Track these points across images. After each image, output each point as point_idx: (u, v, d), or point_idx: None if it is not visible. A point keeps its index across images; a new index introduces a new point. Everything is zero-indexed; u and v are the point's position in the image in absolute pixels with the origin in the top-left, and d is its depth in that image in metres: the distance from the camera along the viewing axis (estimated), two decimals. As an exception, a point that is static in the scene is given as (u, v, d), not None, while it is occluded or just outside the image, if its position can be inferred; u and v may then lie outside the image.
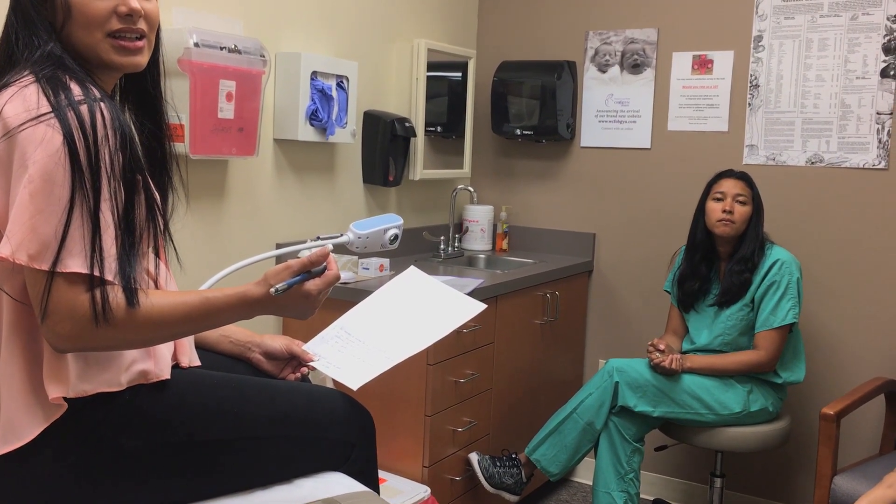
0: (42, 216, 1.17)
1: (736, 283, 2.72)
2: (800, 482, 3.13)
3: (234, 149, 2.40)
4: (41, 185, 1.16)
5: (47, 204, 1.17)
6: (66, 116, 1.18)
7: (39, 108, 1.19)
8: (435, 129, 3.39)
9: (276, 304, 1.35)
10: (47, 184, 1.17)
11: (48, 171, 1.17)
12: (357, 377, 1.56)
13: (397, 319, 1.73)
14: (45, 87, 1.21)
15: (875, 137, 2.94)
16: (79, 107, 1.20)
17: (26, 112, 1.18)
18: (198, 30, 2.24)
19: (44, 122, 1.18)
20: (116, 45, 1.30)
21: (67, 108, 1.19)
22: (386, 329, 1.70)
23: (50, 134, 1.17)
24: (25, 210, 1.16)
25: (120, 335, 1.23)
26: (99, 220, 1.20)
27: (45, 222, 1.17)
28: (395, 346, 1.63)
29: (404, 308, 1.77)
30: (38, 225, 1.16)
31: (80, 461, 1.28)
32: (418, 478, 2.55)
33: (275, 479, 1.47)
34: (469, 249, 3.55)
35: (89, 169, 1.19)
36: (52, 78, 1.22)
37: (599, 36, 3.42)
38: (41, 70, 1.23)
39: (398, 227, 2.05)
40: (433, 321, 1.70)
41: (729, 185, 2.76)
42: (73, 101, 1.20)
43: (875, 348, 2.98)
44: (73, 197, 1.18)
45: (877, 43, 2.92)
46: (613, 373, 2.69)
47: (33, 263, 1.17)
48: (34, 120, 1.18)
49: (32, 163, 1.17)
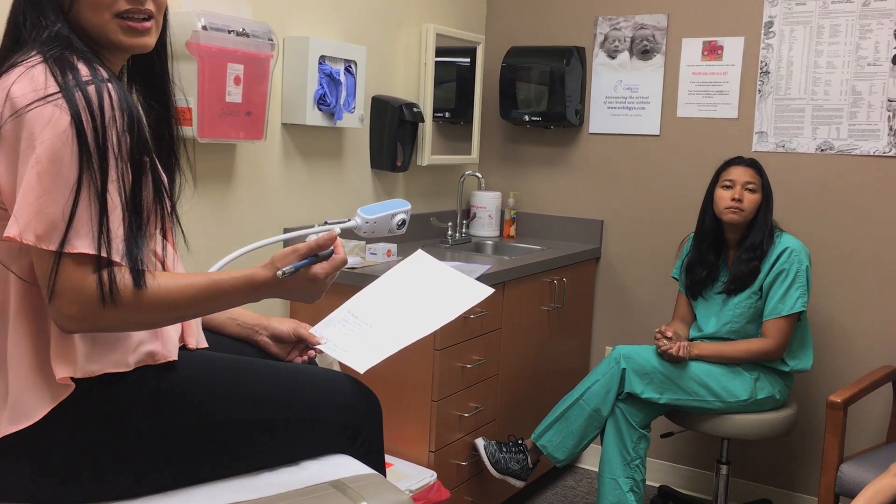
0: (49, 196, 1.17)
1: (744, 271, 2.71)
2: (806, 470, 3.12)
3: (242, 133, 2.40)
4: (48, 165, 1.16)
5: (55, 184, 1.17)
6: (73, 97, 1.18)
7: (47, 88, 1.18)
8: (443, 114, 3.38)
9: (283, 287, 1.35)
10: (55, 164, 1.17)
11: (56, 151, 1.17)
12: (364, 360, 1.56)
13: (404, 303, 1.73)
14: (52, 68, 1.21)
15: (886, 125, 2.91)
16: (86, 87, 1.20)
17: (34, 92, 1.18)
18: (206, 13, 2.24)
19: (51, 103, 1.17)
20: (124, 25, 1.30)
21: (75, 88, 1.19)
22: (393, 313, 1.70)
23: (58, 114, 1.17)
24: (33, 190, 1.16)
25: (127, 316, 1.23)
26: (106, 201, 1.20)
27: (53, 202, 1.17)
28: (402, 329, 1.63)
29: (411, 292, 1.77)
30: (46, 205, 1.17)
31: (87, 441, 1.29)
32: (424, 462, 2.56)
33: (281, 461, 1.48)
34: (476, 235, 3.55)
35: (97, 150, 1.19)
36: (59, 58, 1.22)
37: (609, 21, 3.40)
38: (49, 50, 1.23)
39: (406, 212, 2.05)
40: (440, 305, 1.69)
41: (738, 173, 2.74)
42: (81, 82, 1.20)
43: (883, 336, 2.97)
44: (81, 178, 1.18)
45: (889, 29, 2.89)
46: (620, 359, 2.69)
47: (41, 244, 1.17)
48: (42, 100, 1.17)
49: (40, 143, 1.17)
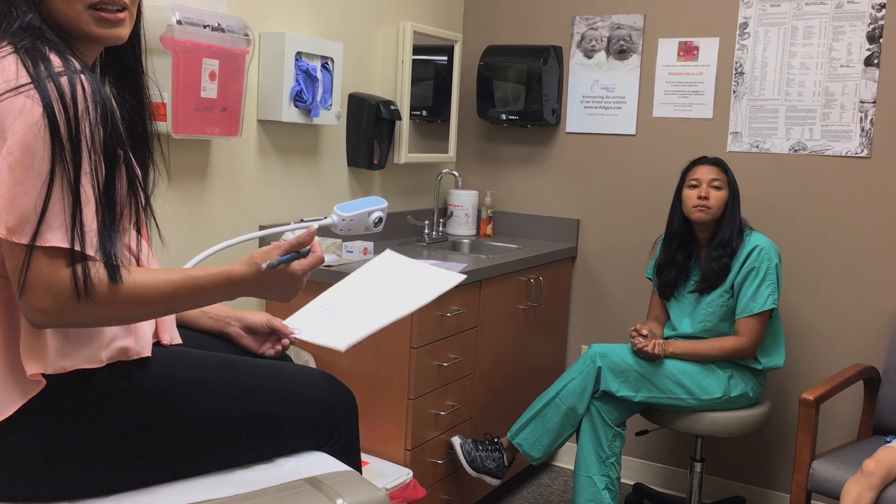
0: (21, 188, 1.15)
1: (715, 269, 2.74)
2: (779, 467, 3.16)
3: (217, 129, 2.38)
4: (20, 157, 1.15)
5: (27, 176, 1.15)
6: (45, 88, 1.16)
7: (18, 79, 1.16)
8: (420, 112, 3.38)
9: (261, 284, 1.35)
10: (26, 156, 1.15)
11: (27, 142, 1.15)
12: (344, 340, 1.55)
13: (378, 293, 1.73)
14: (23, 58, 1.19)
15: (858, 126, 2.95)
16: (59, 78, 1.18)
17: (5, 83, 1.16)
18: (181, 7, 2.22)
19: (23, 94, 1.16)
20: (97, 16, 1.28)
21: (47, 79, 1.17)
22: (367, 302, 1.70)
23: (29, 105, 1.15)
24: (4, 182, 1.14)
25: (101, 311, 1.22)
26: (79, 193, 1.18)
27: (24, 195, 1.15)
28: (378, 313, 1.64)
29: (384, 284, 1.77)
30: (17, 197, 1.15)
31: (58, 438, 1.27)
32: (400, 461, 2.55)
33: (256, 459, 1.46)
34: (453, 234, 3.55)
35: (69, 142, 1.17)
36: (31, 49, 1.20)
37: (586, 21, 3.42)
38: (20, 41, 1.21)
39: (382, 209, 2.04)
40: (414, 291, 1.70)
41: (703, 172, 2.77)
42: (53, 73, 1.18)
43: (854, 335, 3.00)
44: (53, 170, 1.16)
45: (861, 31, 2.93)
46: (596, 358, 2.70)
47: (12, 237, 1.15)
48: (13, 91, 1.15)
49: (11, 134, 1.15)
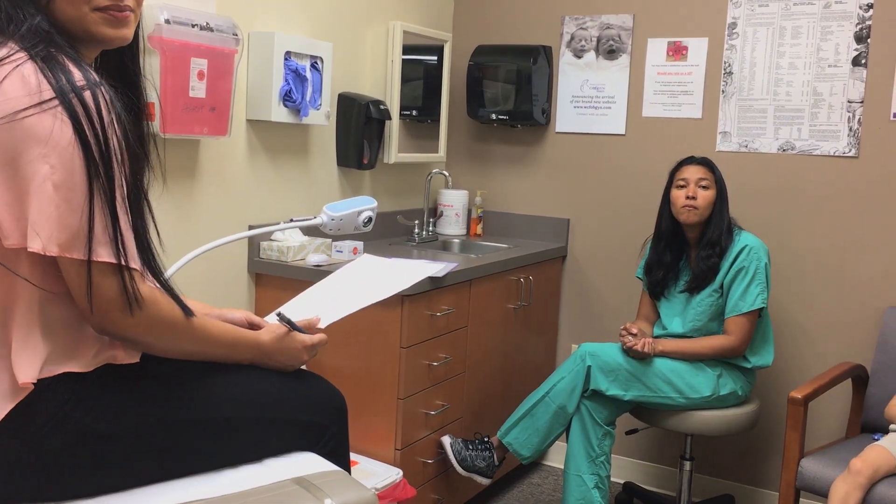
0: (67, 206, 1.17)
1: (704, 269, 2.75)
2: (768, 465, 3.17)
3: (206, 128, 2.37)
4: (63, 175, 1.16)
5: (72, 194, 1.17)
6: (71, 104, 1.17)
7: (42, 92, 1.17)
8: (410, 112, 3.38)
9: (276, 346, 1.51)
10: (68, 175, 1.17)
11: (65, 161, 1.17)
12: (326, 318, 1.62)
13: (358, 284, 1.75)
14: (42, 68, 1.18)
15: (846, 126, 2.97)
16: (82, 93, 1.19)
17: (28, 96, 1.16)
18: (169, 6, 2.21)
19: (49, 111, 1.16)
20: (105, 16, 1.28)
21: (71, 94, 1.18)
22: (346, 294, 1.72)
23: (59, 125, 1.16)
24: (51, 201, 1.16)
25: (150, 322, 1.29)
26: (116, 207, 1.21)
27: (72, 213, 1.18)
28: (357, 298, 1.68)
29: (364, 277, 1.79)
30: (65, 215, 1.17)
31: (46, 442, 1.26)
32: (390, 460, 2.55)
33: (245, 459, 1.46)
34: (443, 234, 3.55)
35: (101, 157, 1.19)
36: (47, 58, 1.20)
37: (575, 21, 3.42)
38: (33, 47, 1.21)
39: (372, 209, 2.05)
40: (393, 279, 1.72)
41: (691, 171, 2.78)
42: (76, 87, 1.19)
43: (842, 333, 3.02)
44: (91, 186, 1.18)
45: (849, 31, 2.94)
46: (586, 357, 2.71)
47: (65, 253, 1.18)
48: (37, 107, 1.16)
49: (47, 155, 1.16)
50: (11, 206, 1.18)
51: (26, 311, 1.24)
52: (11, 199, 1.18)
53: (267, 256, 2.71)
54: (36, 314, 1.24)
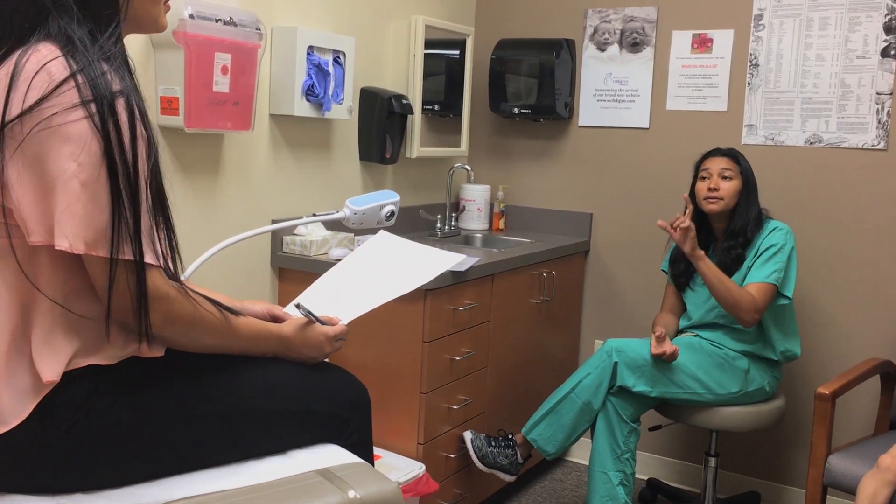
0: (95, 205, 1.18)
1: (727, 261, 2.72)
2: (794, 462, 3.13)
3: (230, 123, 2.38)
4: (91, 174, 1.18)
5: (99, 193, 1.18)
6: (102, 105, 1.19)
7: (71, 91, 1.18)
8: (432, 107, 3.37)
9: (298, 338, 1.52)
10: (96, 173, 1.18)
11: (93, 160, 1.18)
12: (347, 314, 1.62)
13: (377, 272, 1.74)
14: (71, 65, 1.19)
15: (874, 118, 2.92)
16: (114, 96, 1.21)
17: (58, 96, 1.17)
18: (193, 1, 2.22)
19: (80, 110, 1.17)
20: (165, 7, 1.39)
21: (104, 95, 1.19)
22: (367, 281, 1.71)
23: (87, 124, 1.18)
24: (78, 199, 1.17)
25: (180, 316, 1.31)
26: (139, 205, 1.23)
27: (101, 212, 1.19)
28: (379, 292, 1.66)
29: (382, 264, 1.78)
30: (92, 213, 1.18)
31: (72, 434, 1.27)
32: (413, 454, 2.55)
33: (269, 451, 1.47)
34: (466, 228, 3.54)
35: (127, 156, 1.21)
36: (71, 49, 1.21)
37: (599, 14, 3.39)
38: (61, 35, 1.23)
39: (395, 203, 2.04)
40: (413, 271, 1.71)
41: (714, 163, 2.76)
42: (109, 88, 1.20)
43: (871, 329, 2.98)
44: (118, 184, 1.20)
45: (878, 22, 2.90)
46: (612, 353, 2.68)
47: (91, 251, 1.19)
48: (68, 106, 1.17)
49: (77, 151, 1.17)
50: (37, 203, 1.19)
51: (47, 310, 1.25)
52: (37, 197, 1.19)
53: (290, 250, 2.71)
54: (58, 311, 1.25)
